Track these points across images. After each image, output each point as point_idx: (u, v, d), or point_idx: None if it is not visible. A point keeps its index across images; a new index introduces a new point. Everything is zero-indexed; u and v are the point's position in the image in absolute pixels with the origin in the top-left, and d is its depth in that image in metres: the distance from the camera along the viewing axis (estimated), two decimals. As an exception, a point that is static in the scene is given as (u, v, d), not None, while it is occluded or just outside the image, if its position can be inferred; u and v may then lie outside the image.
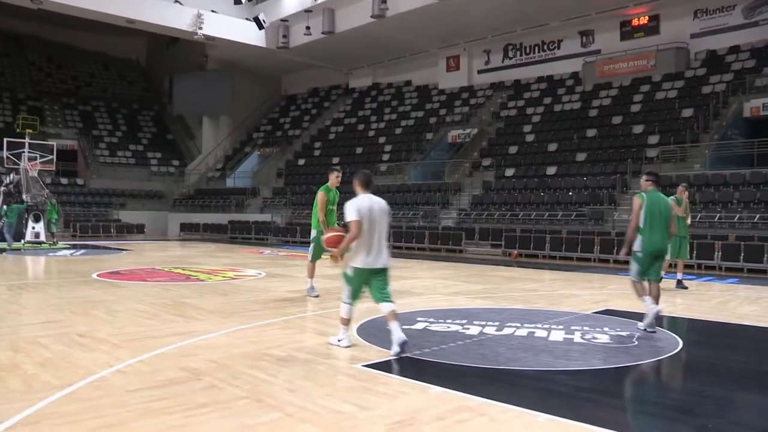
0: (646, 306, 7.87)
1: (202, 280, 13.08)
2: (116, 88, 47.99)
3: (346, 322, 6.71)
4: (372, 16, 31.58)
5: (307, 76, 44.09)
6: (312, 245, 10.48)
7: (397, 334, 6.25)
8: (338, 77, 43.24)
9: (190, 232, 34.05)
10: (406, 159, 31.37)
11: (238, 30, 36.13)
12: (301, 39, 35.73)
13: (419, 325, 8.00)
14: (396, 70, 40.35)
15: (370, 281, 6.52)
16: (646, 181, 8.30)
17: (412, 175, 30.44)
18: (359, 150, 35.12)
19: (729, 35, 27.77)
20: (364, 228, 6.39)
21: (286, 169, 36.96)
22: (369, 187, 6.75)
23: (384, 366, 5.94)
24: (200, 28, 34.12)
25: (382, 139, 35.23)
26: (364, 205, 6.49)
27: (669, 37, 28.93)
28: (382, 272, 6.53)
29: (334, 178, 10.22)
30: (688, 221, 12.55)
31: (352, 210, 6.41)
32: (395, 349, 6.20)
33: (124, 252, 21.52)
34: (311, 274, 10.68)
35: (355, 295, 6.61)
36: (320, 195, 10.07)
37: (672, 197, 12.50)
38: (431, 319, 8.40)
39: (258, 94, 44.65)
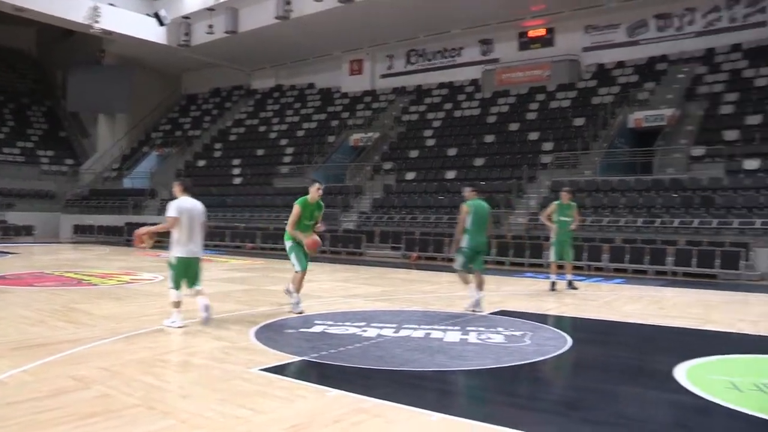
0: (469, 292, 9.71)
1: (95, 285, 12.61)
2: (3, 80, 45.32)
3: (177, 305, 7.92)
4: (276, 18, 31.37)
5: (209, 75, 43.18)
6: (293, 255, 9.06)
7: (202, 302, 8.06)
8: (240, 78, 42.60)
9: (83, 234, 32.60)
10: (308, 162, 31.27)
11: (137, 25, 34.92)
12: (203, 37, 34.97)
13: (317, 328, 8.02)
14: (299, 72, 40.18)
15: (188, 268, 7.93)
16: (471, 191, 10.26)
17: (315, 177, 30.30)
18: (260, 152, 34.73)
19: (615, 51, 29.44)
20: (183, 224, 7.83)
21: (185, 170, 36.01)
22: (188, 191, 8.19)
23: (281, 370, 5.94)
24: (97, 22, 32.72)
25: (284, 142, 34.97)
26: (184, 205, 7.95)
27: (563, 49, 30.27)
28: (196, 261, 8.05)
29: (314, 191, 9.08)
30: (573, 226, 12.83)
31: (173, 208, 7.86)
32: (203, 314, 8.05)
33: (10, 255, 20.42)
34: (299, 287, 9.21)
35: (177, 281, 7.90)
36: (295, 209, 8.97)
37: (555, 202, 13.09)
38: (330, 322, 8.44)
39: (157, 93, 43.29)
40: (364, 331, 7.88)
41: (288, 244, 9.13)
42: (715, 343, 7.92)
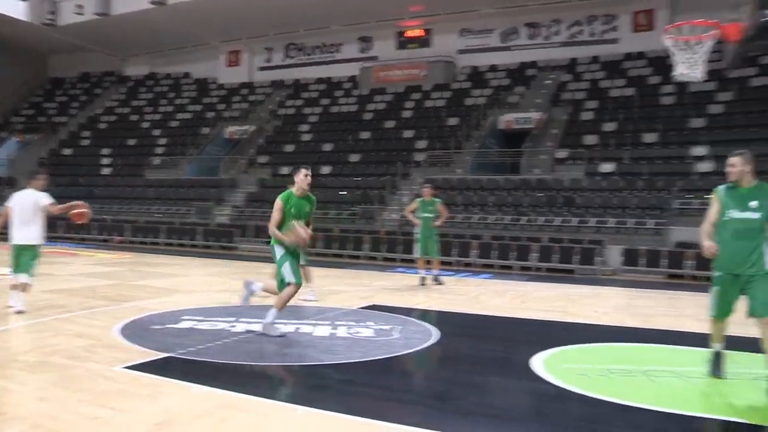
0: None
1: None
2: None
3: (15, 287, 8.32)
4: (151, 2, 30.27)
5: (78, 59, 40.83)
6: (286, 266, 7.27)
7: (17, 296, 8.28)
8: (112, 63, 40.61)
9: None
10: (182, 153, 30.45)
11: (-6, -2, 32.46)
12: (71, 18, 33.09)
13: (185, 324, 7.87)
14: (175, 60, 38.90)
15: (20, 255, 8.29)
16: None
17: (187, 170, 29.61)
18: (132, 142, 33.42)
19: (489, 55, 30.66)
20: (15, 213, 8.29)
21: (49, 159, 34.00)
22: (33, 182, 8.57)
23: (146, 367, 5.79)
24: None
25: (156, 132, 33.84)
26: (15, 197, 8.42)
27: (439, 50, 31.14)
28: (28, 249, 8.33)
29: (302, 179, 7.39)
30: (438, 222, 13.04)
31: (10, 200, 8.43)
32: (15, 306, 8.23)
33: None
34: (284, 304, 7.36)
35: (14, 266, 8.32)
36: (277, 205, 7.32)
37: (418, 199, 13.45)
38: (199, 318, 8.30)
39: (18, 74, 40.31)
40: (233, 326, 7.82)
41: (277, 252, 7.33)
42: (571, 333, 8.42)
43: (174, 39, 35.95)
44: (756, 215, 5.52)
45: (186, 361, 6.12)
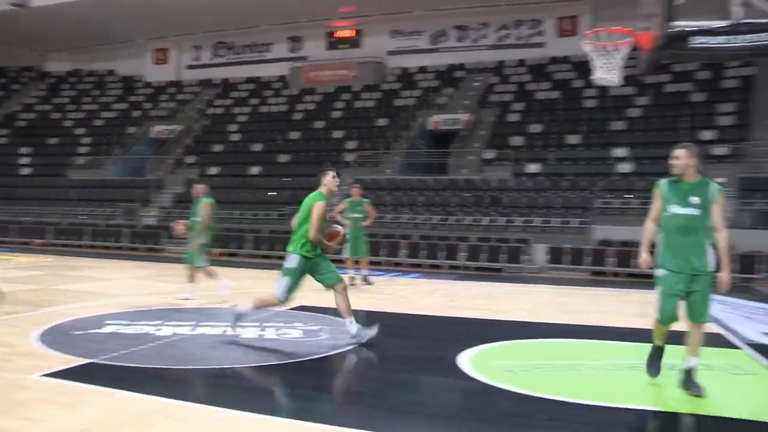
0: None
1: None
2: None
3: None
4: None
5: (-7, 52, 39.21)
6: (288, 280, 7.09)
7: None
8: (31, 58, 38.86)
9: None
10: (106, 153, 29.61)
11: None
12: (-16, 8, 31.65)
13: (109, 329, 7.68)
14: (99, 57, 37.65)
15: None
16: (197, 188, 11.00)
17: (112, 170, 28.82)
18: (53, 141, 32.20)
19: (419, 56, 30.94)
20: None
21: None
22: None
23: (66, 374, 5.61)
24: None
25: (80, 131, 32.74)
26: None
27: (369, 51, 31.27)
28: None
29: (330, 180, 7.42)
30: (366, 222, 13.12)
31: None
32: None
33: None
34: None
35: None
36: (320, 206, 7.04)
37: (347, 199, 13.53)
38: (123, 322, 8.11)
39: None
40: (159, 329, 7.68)
41: (293, 261, 7.04)
42: (498, 331, 8.59)
43: (98, 34, 34.69)
44: (697, 211, 5.28)
45: (109, 366, 5.97)
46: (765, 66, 22.44)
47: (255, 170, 25.94)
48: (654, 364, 5.70)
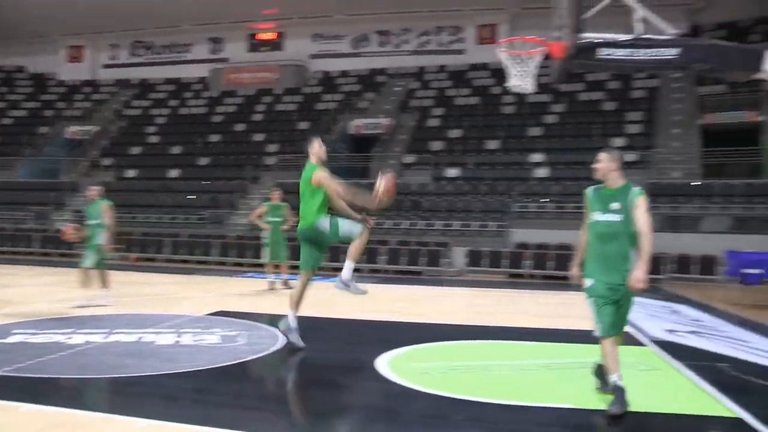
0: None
1: None
2: None
3: None
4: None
5: None
6: (343, 220, 7.25)
7: None
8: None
9: None
10: (16, 154, 28.42)
11: None
12: None
13: (15, 338, 7.38)
14: (7, 53, 35.87)
15: None
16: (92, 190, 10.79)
17: (22, 172, 27.68)
18: (-43, 140, 30.75)
19: (340, 60, 31.11)
20: None
21: None
22: None
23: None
24: None
25: (-15, 129, 31.36)
26: None
27: (291, 54, 31.22)
28: None
29: (318, 148, 7.37)
30: (286, 226, 13.02)
31: None
32: None
33: None
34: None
35: None
36: (326, 174, 7.09)
37: (266, 203, 13.47)
38: (31, 331, 7.81)
39: None
40: (70, 338, 7.43)
41: (324, 222, 7.09)
42: (416, 333, 8.67)
43: (7, 29, 33.15)
44: (617, 217, 5.08)
45: (14, 378, 5.72)
46: (667, 78, 23.61)
47: (174, 173, 25.44)
48: (606, 382, 5.34)
